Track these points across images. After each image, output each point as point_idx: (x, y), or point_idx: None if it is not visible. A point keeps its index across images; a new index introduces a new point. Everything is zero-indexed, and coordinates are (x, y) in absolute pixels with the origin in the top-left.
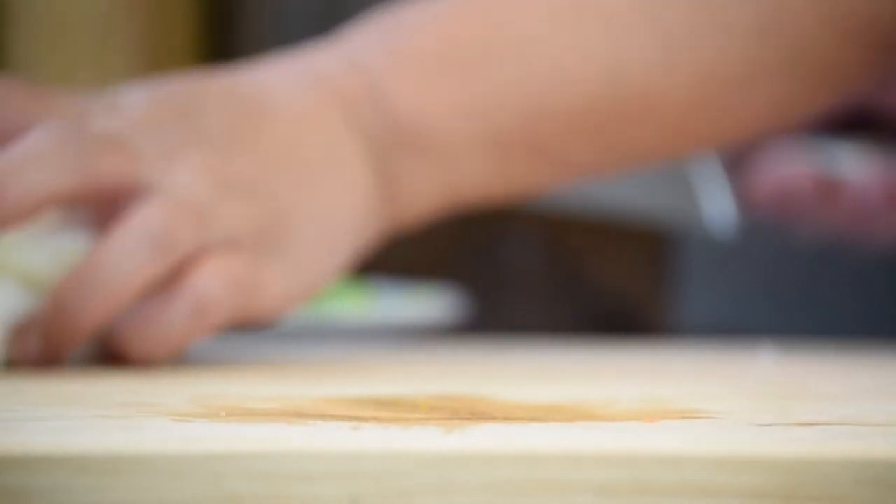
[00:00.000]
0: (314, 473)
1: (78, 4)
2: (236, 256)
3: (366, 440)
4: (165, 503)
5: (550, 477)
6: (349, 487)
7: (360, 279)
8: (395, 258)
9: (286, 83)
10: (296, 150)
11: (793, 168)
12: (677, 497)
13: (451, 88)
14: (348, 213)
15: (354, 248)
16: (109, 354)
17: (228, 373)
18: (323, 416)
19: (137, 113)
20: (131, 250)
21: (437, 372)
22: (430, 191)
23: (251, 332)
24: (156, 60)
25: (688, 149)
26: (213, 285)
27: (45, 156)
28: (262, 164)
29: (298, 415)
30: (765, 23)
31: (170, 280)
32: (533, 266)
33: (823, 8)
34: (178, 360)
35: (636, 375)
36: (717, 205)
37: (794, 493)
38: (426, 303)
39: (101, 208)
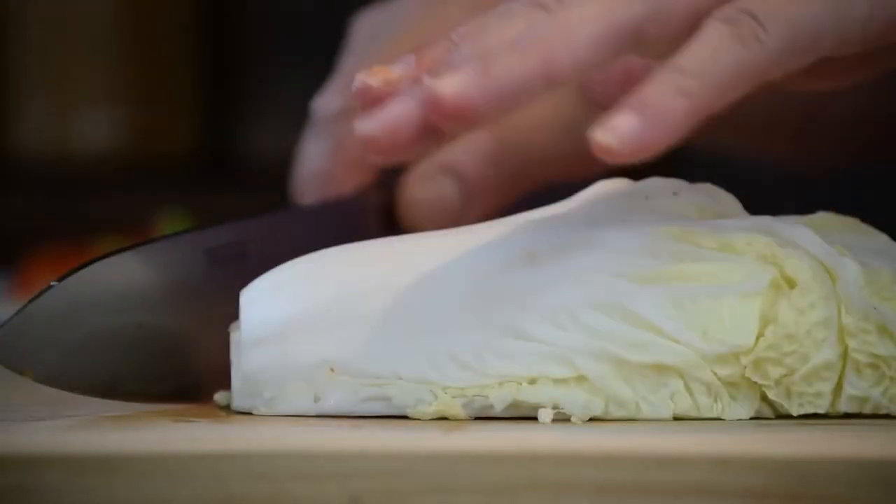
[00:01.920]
0: (314, 473)
1: (73, 15)
2: None
3: (366, 440)
4: (166, 503)
5: (549, 477)
6: (349, 487)
7: None
8: None
9: None
10: None
11: None
12: (677, 497)
13: None
14: None
15: None
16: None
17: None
18: (322, 417)
19: None
20: None
21: None
22: None
23: None
24: (148, 67)
25: None
26: None
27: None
28: None
29: (298, 415)
30: None
31: None
32: None
33: None
34: None
35: None
36: None
37: (795, 494)
38: None
39: None
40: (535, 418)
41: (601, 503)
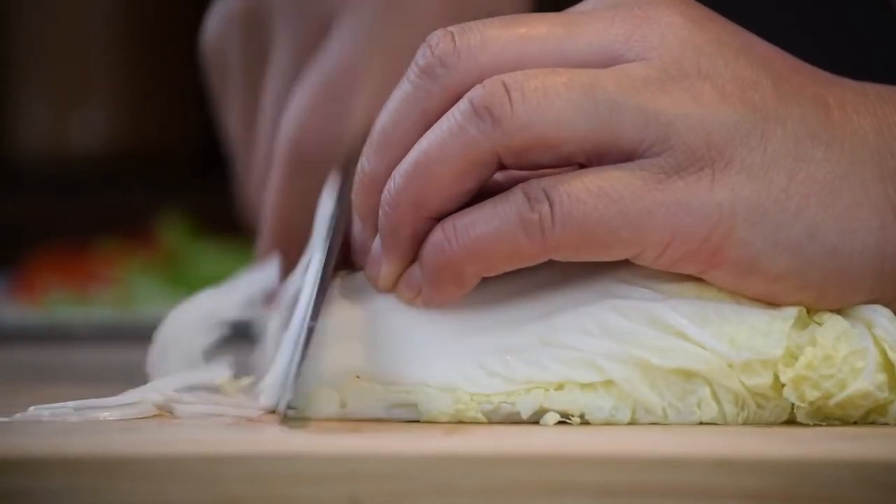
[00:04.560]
0: (314, 475)
1: (73, 15)
2: None
3: (366, 442)
4: None
5: (549, 479)
6: (349, 489)
7: None
8: None
9: None
10: None
11: None
12: (676, 499)
13: None
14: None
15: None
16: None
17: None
18: (322, 418)
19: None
20: None
21: None
22: None
23: None
24: (148, 67)
25: None
26: None
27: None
28: None
29: (297, 416)
30: None
31: None
32: None
33: None
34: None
35: None
36: None
37: (793, 495)
38: None
39: None
40: (536, 420)
41: None
